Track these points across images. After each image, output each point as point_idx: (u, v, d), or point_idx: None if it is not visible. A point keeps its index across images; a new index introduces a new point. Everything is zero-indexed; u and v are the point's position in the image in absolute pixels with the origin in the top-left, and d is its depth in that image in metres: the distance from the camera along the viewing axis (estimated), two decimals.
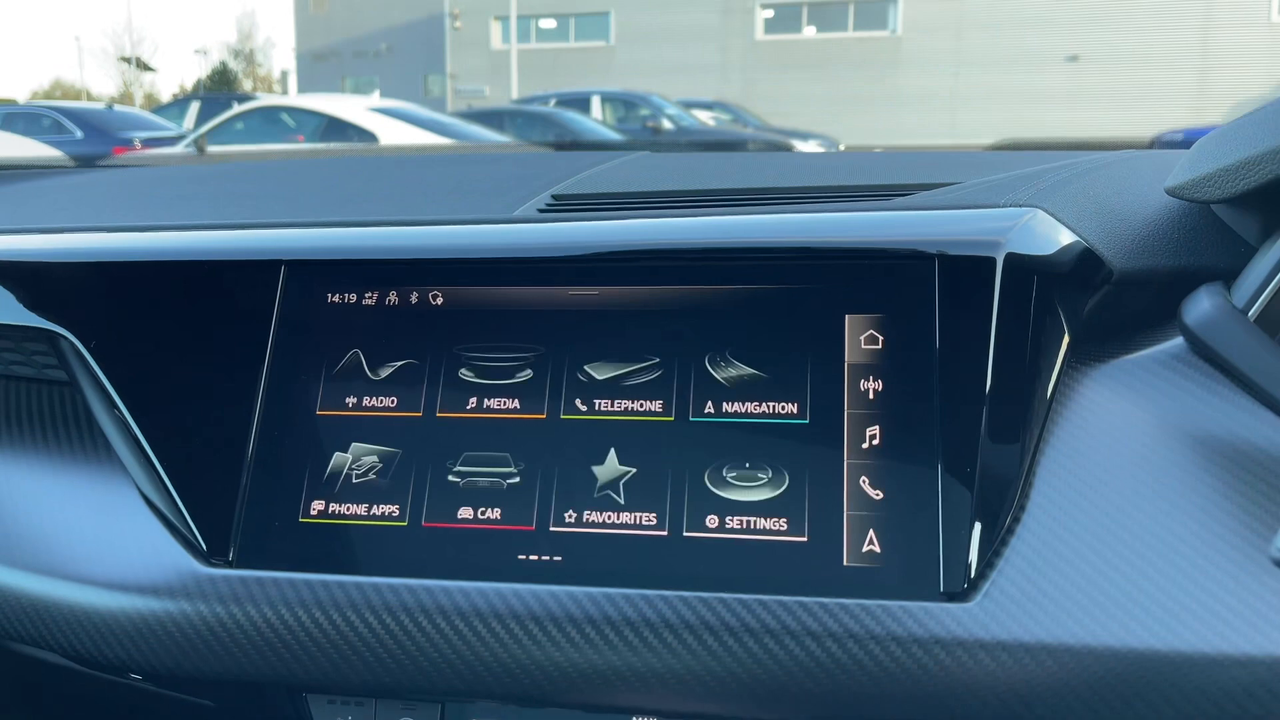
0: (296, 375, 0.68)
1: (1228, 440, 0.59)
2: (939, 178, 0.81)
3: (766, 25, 26.37)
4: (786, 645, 0.58)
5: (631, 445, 0.63)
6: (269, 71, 49.63)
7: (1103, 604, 0.56)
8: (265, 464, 0.66)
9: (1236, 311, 0.62)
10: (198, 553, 0.66)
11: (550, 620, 0.60)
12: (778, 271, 0.66)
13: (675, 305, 0.66)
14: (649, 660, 0.60)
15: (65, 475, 0.73)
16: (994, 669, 0.56)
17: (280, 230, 0.75)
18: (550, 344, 0.66)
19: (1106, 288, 0.67)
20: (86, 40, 76.32)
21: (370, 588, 0.63)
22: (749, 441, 0.62)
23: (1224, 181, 0.65)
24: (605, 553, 0.61)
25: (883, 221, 0.68)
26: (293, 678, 0.64)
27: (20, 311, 0.75)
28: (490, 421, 0.65)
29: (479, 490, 0.64)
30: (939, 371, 0.61)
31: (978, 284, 0.62)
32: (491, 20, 29.03)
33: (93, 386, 0.72)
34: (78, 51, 55.81)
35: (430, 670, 0.62)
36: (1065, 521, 0.59)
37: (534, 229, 0.72)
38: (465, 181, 0.95)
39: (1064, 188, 0.73)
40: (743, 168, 1.00)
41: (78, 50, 58.15)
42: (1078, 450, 0.61)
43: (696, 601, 0.59)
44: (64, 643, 0.68)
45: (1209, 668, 0.54)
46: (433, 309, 0.68)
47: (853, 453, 0.61)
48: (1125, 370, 0.64)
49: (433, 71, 30.86)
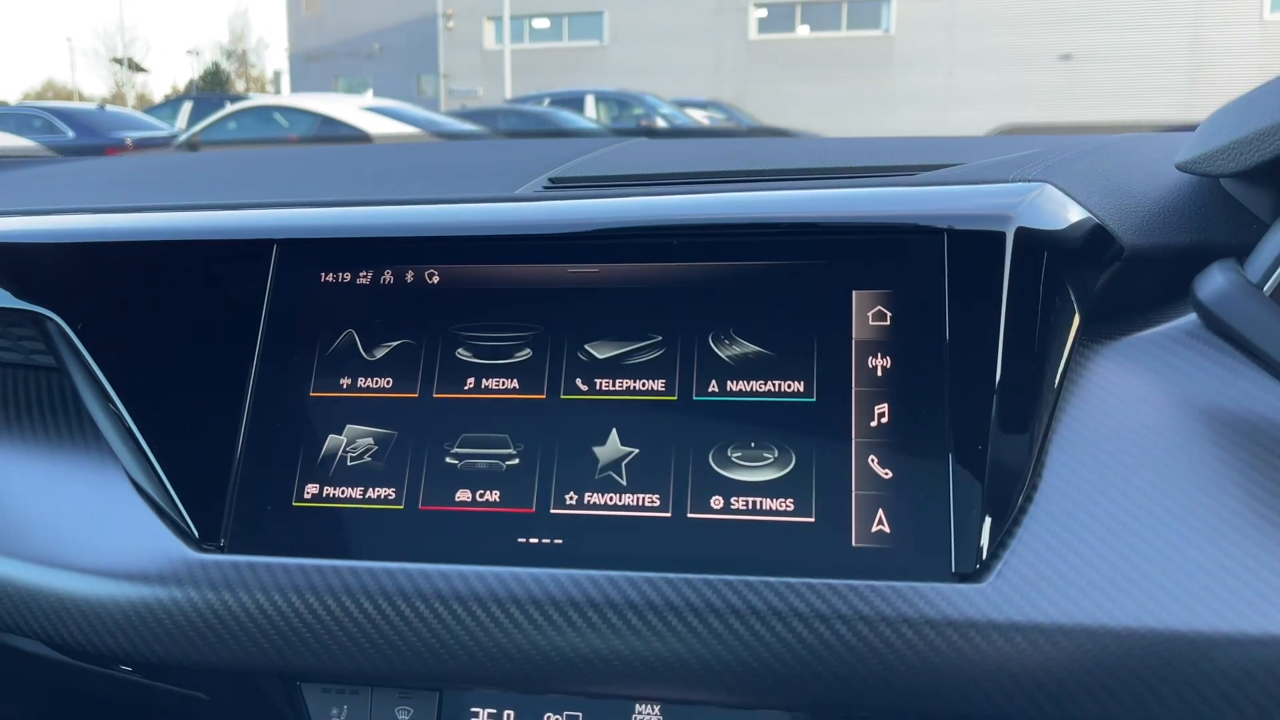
0: (289, 357, 0.67)
1: (1243, 416, 0.58)
2: (943, 159, 0.79)
3: (760, 25, 26.38)
4: (794, 628, 0.56)
5: (633, 425, 0.62)
6: (262, 72, 49.51)
7: (1118, 583, 0.55)
8: (257, 447, 0.65)
9: (1251, 286, 0.60)
10: (189, 538, 0.64)
11: (551, 604, 0.59)
12: (783, 248, 0.64)
13: (678, 283, 0.64)
14: (653, 645, 0.58)
15: (53, 461, 0.72)
16: (1007, 650, 0.54)
17: (272, 210, 0.73)
18: (549, 323, 0.65)
19: (1117, 264, 0.66)
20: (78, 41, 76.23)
21: (366, 572, 0.61)
22: (754, 420, 0.61)
23: (1236, 154, 0.64)
24: (607, 535, 0.60)
25: (891, 197, 0.66)
26: (287, 665, 0.63)
27: (5, 295, 0.73)
28: (488, 402, 0.64)
29: (477, 472, 0.62)
30: (949, 348, 0.60)
31: (988, 260, 0.61)
32: (485, 20, 29.00)
33: (80, 371, 0.70)
34: (69, 52, 55.66)
35: (428, 656, 0.61)
36: (1078, 500, 0.57)
37: (533, 207, 0.70)
38: (462, 165, 0.94)
39: (1073, 165, 0.72)
40: (742, 151, 0.99)
41: (69, 51, 58.00)
42: (1090, 428, 0.59)
43: (701, 584, 0.58)
44: (53, 632, 0.66)
45: (1228, 647, 0.53)
46: (429, 288, 0.67)
47: (861, 431, 0.59)
48: (1137, 347, 0.62)
49: (426, 71, 30.81)
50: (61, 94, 46.49)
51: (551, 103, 13.28)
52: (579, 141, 1.20)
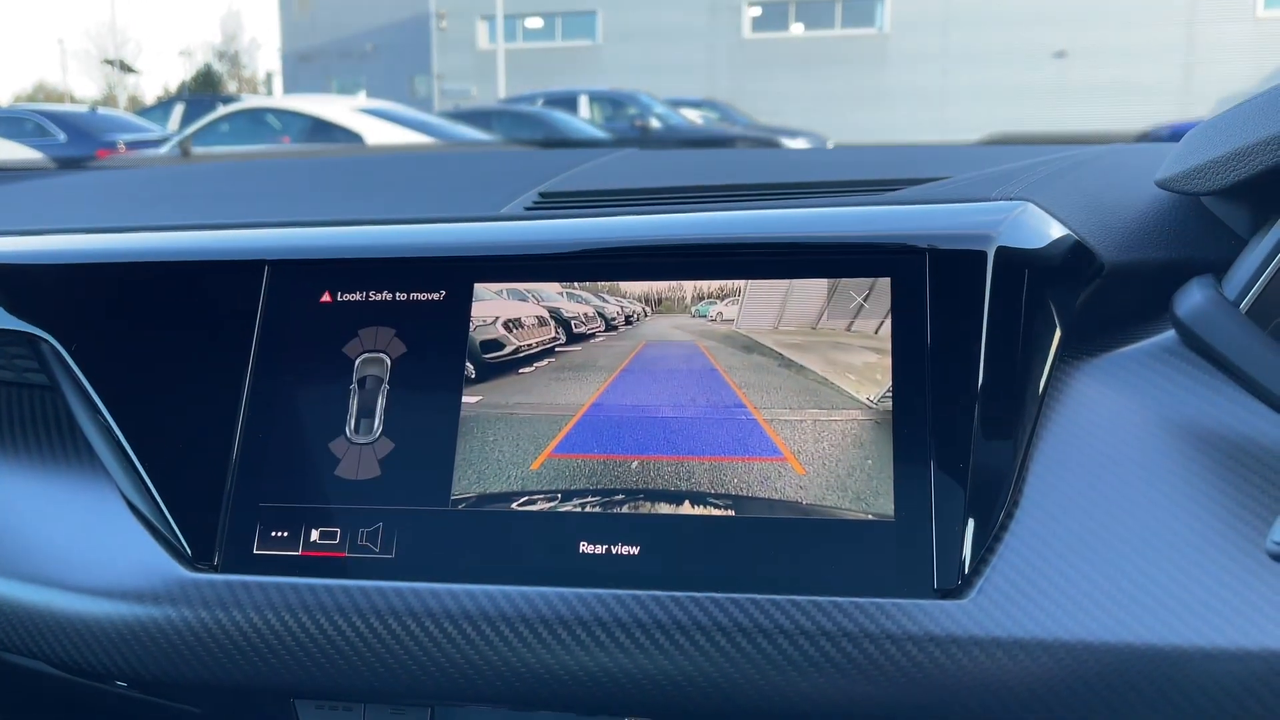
0: (281, 376, 0.67)
1: (1220, 433, 0.59)
2: (928, 172, 0.80)
3: (754, 23, 26.38)
4: (779, 643, 0.57)
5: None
6: (254, 73, 49.43)
7: (1097, 599, 0.56)
8: (250, 466, 0.66)
9: (1228, 303, 0.61)
10: (182, 557, 0.65)
11: (540, 622, 0.60)
12: (766, 267, 0.65)
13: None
14: (640, 661, 0.59)
15: (46, 480, 0.72)
16: (989, 666, 0.55)
17: (263, 230, 0.74)
18: (541, 341, 0.66)
19: (1097, 281, 0.67)
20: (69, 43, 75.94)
21: (359, 591, 0.62)
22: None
23: (1215, 173, 0.64)
24: (593, 552, 0.61)
25: (874, 216, 0.67)
26: (281, 683, 0.64)
27: (0, 315, 0.74)
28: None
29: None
30: (930, 366, 0.61)
31: (969, 278, 0.62)
32: (477, 20, 28.96)
33: (74, 390, 0.70)
34: (60, 54, 55.47)
35: (420, 674, 0.61)
36: (1059, 516, 0.58)
37: (523, 226, 0.71)
38: (451, 180, 0.95)
39: (1054, 181, 0.73)
40: (731, 164, 1.00)
41: (61, 53, 57.84)
42: (1071, 444, 0.60)
43: (688, 601, 0.58)
44: (47, 649, 0.67)
45: (1205, 662, 0.54)
46: (420, 305, 0.68)
47: None
48: (1117, 364, 0.63)
49: (419, 72, 30.78)
50: (53, 96, 46.36)
51: (545, 103, 13.26)
52: (570, 152, 1.21)
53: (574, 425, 0.63)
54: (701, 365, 0.64)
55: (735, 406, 0.62)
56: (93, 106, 12.24)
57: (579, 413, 0.64)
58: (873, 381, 0.61)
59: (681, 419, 0.62)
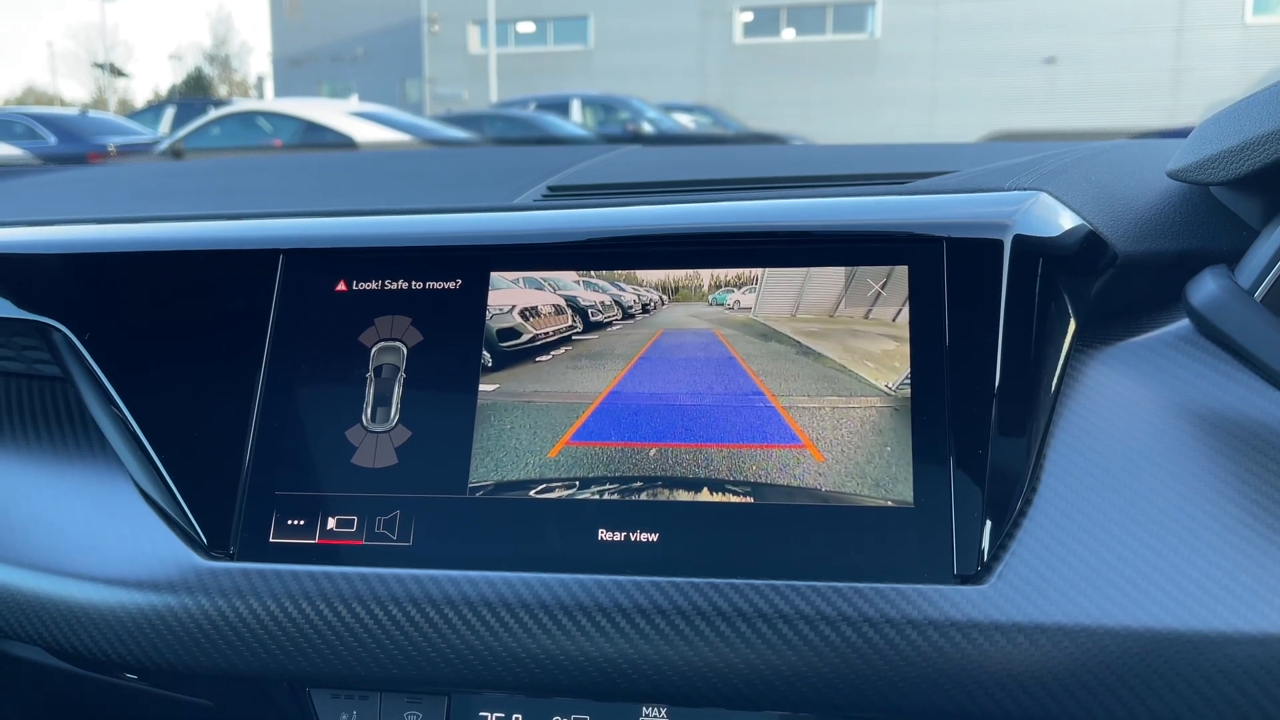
0: (297, 365, 0.67)
1: (1236, 420, 0.59)
2: (935, 167, 0.81)
3: (745, 29, 26.45)
4: (799, 629, 0.57)
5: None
6: (245, 77, 49.29)
7: (1117, 584, 0.56)
8: (266, 454, 0.65)
9: (1242, 292, 0.62)
10: (198, 546, 0.65)
11: (560, 609, 0.60)
12: (783, 255, 0.65)
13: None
14: (660, 647, 0.59)
15: (59, 471, 0.72)
16: (1010, 650, 0.56)
17: (278, 220, 0.74)
18: (557, 329, 0.66)
19: (1110, 271, 0.67)
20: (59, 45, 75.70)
21: (375, 579, 0.62)
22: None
23: (1227, 163, 0.65)
24: (611, 540, 0.61)
25: (891, 206, 0.67)
26: (296, 671, 0.63)
27: (11, 306, 0.74)
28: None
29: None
30: (948, 353, 0.61)
31: (986, 267, 0.62)
32: (469, 24, 28.97)
33: (87, 380, 0.70)
34: (50, 57, 55.25)
35: (437, 661, 0.61)
36: (1077, 503, 0.58)
37: (540, 215, 0.71)
38: (462, 173, 0.95)
39: (1065, 173, 0.73)
40: (736, 159, 1.00)
41: (50, 56, 57.63)
42: (1088, 432, 0.61)
43: (708, 587, 0.59)
44: (61, 639, 0.67)
45: (1226, 646, 0.54)
46: (437, 294, 0.68)
47: None
48: (1132, 353, 0.64)
49: (410, 76, 30.75)
50: (42, 99, 46.15)
51: (537, 107, 13.25)
52: (574, 149, 1.21)
53: (591, 413, 0.63)
54: (719, 353, 0.64)
55: (753, 394, 0.62)
56: (83, 109, 12.18)
57: (596, 400, 0.64)
58: (891, 369, 0.62)
59: (699, 407, 0.63)
